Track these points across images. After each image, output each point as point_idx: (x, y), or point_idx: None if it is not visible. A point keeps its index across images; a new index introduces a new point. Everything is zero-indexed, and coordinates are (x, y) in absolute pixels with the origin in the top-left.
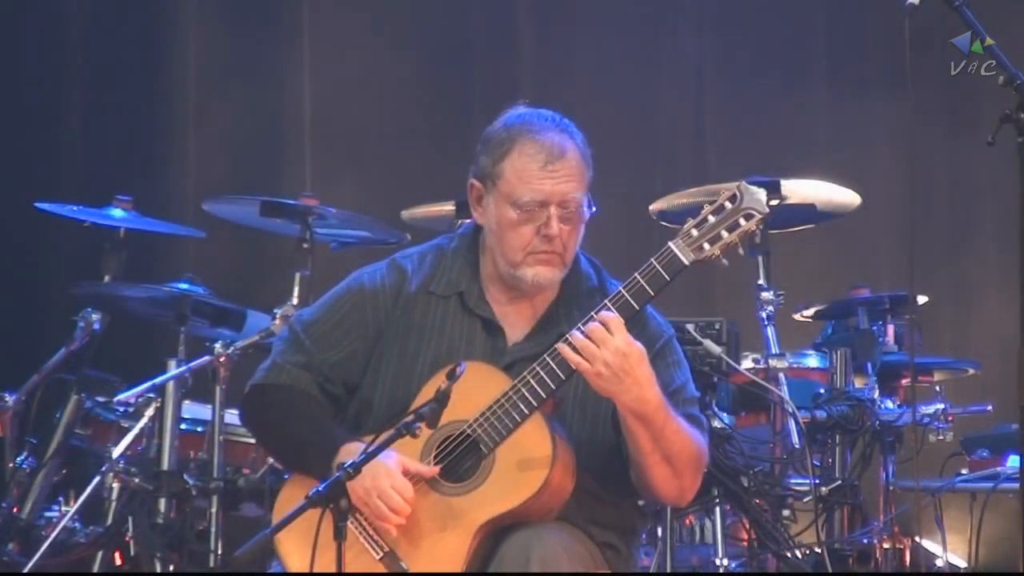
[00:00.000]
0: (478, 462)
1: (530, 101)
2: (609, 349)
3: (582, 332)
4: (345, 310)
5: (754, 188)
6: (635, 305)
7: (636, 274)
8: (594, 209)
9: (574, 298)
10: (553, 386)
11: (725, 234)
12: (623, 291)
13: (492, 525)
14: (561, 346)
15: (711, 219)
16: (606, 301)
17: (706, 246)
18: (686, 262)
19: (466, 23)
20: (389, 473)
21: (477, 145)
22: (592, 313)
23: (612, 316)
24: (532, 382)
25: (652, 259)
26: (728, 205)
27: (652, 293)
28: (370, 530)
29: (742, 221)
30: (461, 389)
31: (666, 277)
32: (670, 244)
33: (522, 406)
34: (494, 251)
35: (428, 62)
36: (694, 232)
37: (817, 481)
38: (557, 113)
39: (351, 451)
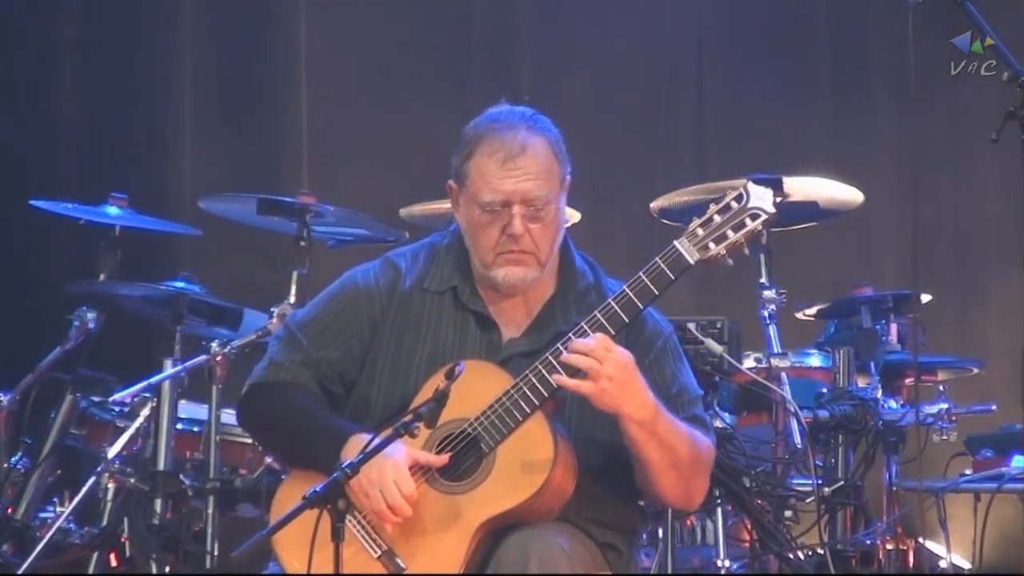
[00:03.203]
0: (479, 461)
1: (529, 98)
2: (610, 363)
3: (568, 350)
4: (340, 308)
5: (760, 188)
6: (639, 304)
7: (640, 273)
8: (562, 207)
9: (570, 296)
10: (555, 385)
11: (731, 234)
12: (627, 290)
13: (492, 524)
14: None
15: (717, 219)
16: (610, 300)
17: (712, 246)
18: (691, 261)
19: (465, 20)
20: (396, 467)
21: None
22: (596, 312)
23: (599, 336)
24: (534, 380)
25: (657, 258)
26: (734, 205)
27: (657, 292)
28: (368, 528)
29: (748, 221)
30: (462, 387)
31: (671, 276)
32: (675, 243)
33: (524, 405)
34: (470, 251)
35: (426, 59)
36: (700, 231)
37: (820, 481)
38: (531, 109)
39: (359, 443)
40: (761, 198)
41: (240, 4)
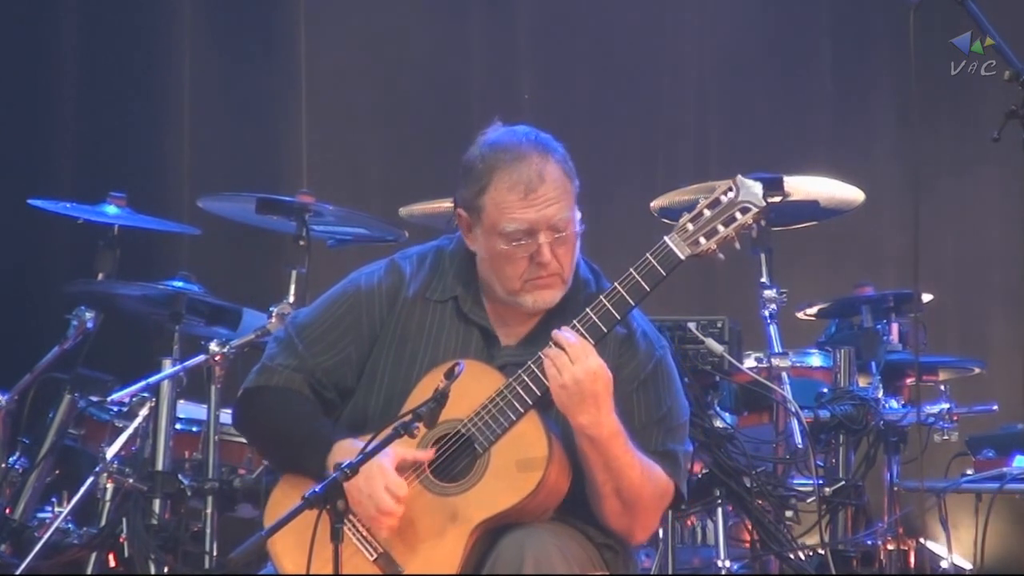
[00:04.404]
0: (473, 461)
1: (529, 98)
2: (582, 366)
3: (557, 343)
4: (340, 313)
5: (750, 181)
6: (631, 301)
7: (631, 269)
8: (582, 227)
9: (571, 306)
10: (548, 384)
11: (721, 228)
12: (618, 287)
13: (488, 525)
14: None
15: (707, 213)
16: (601, 297)
17: (702, 240)
18: (682, 257)
19: (465, 19)
20: (383, 472)
21: (459, 168)
22: (588, 310)
23: (582, 344)
24: (527, 380)
25: (647, 254)
26: (724, 199)
27: (647, 288)
28: (364, 531)
29: (738, 215)
30: (456, 387)
31: (662, 272)
32: (665, 239)
33: (517, 404)
34: (490, 279)
35: (426, 58)
36: (690, 226)
37: (820, 482)
38: (531, 129)
39: (345, 448)
40: (751, 192)
41: (239, 3)
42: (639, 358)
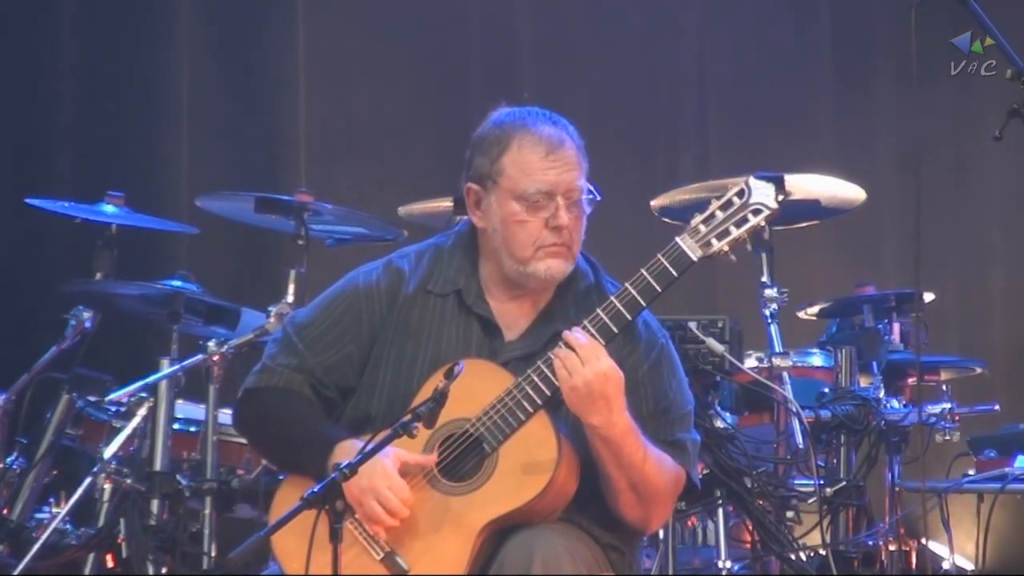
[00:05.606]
0: (481, 461)
1: (530, 95)
2: (593, 368)
3: (567, 344)
4: (339, 312)
5: (762, 183)
6: (642, 302)
7: (642, 270)
8: (598, 197)
9: (571, 296)
10: (557, 384)
11: (733, 230)
12: (629, 288)
13: (495, 525)
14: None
15: (719, 214)
16: (612, 298)
17: (714, 242)
18: (694, 258)
19: (464, 17)
20: (386, 475)
21: (467, 150)
22: (598, 310)
23: (593, 344)
24: (536, 380)
25: (659, 255)
26: (736, 200)
27: (659, 289)
28: (370, 531)
29: (750, 217)
30: (463, 386)
31: (673, 273)
32: (677, 240)
33: (526, 404)
34: (499, 252)
35: (425, 57)
36: (702, 228)
37: (821, 482)
38: (544, 108)
39: (346, 449)
40: (763, 193)
41: (238, 2)
42: (641, 348)
